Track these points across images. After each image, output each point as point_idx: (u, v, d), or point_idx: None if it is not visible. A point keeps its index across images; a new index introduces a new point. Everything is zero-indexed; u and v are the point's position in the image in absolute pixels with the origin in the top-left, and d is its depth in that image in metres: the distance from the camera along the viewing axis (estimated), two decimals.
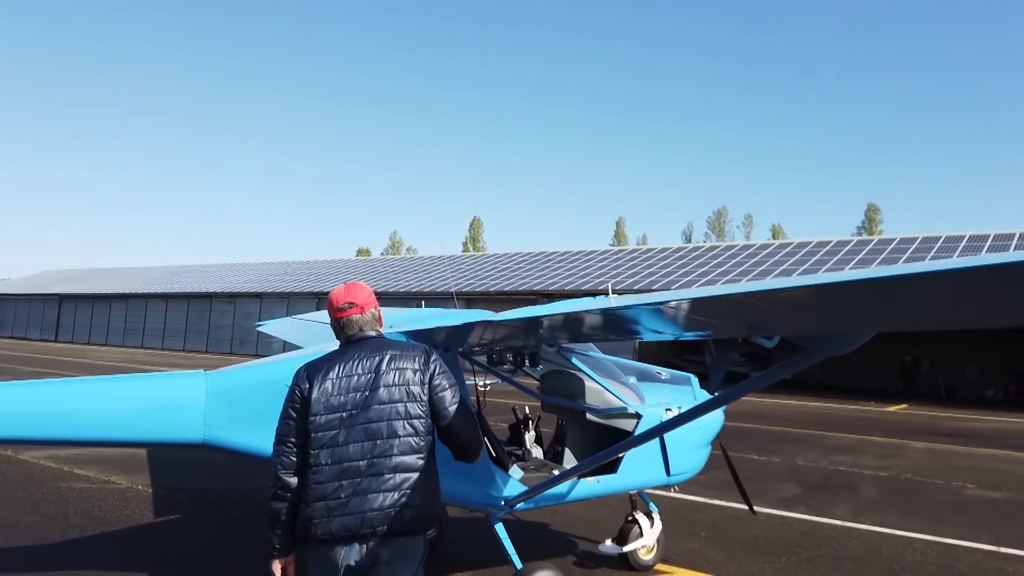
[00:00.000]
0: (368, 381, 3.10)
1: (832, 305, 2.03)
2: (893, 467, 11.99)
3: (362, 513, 2.94)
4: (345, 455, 3.00)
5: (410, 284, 42.20)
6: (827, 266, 32.47)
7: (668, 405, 5.47)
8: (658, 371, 6.08)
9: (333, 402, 3.08)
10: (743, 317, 2.39)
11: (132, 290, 54.13)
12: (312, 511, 2.97)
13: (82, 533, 6.55)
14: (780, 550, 6.80)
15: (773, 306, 2.09)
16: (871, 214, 74.34)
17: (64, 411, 4.45)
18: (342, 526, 2.94)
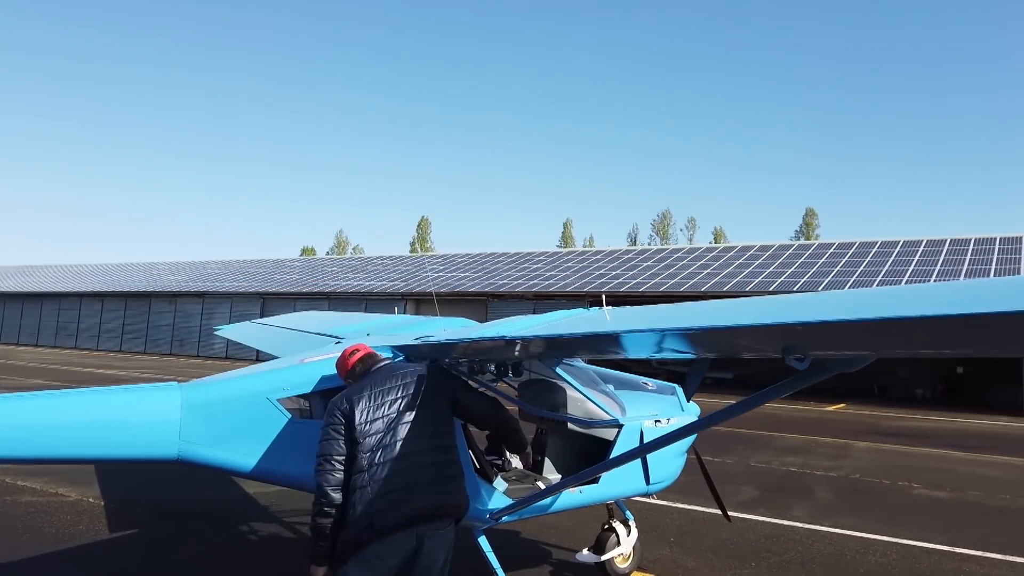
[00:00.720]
0: (399, 399, 3.77)
1: (882, 335, 2.04)
2: (842, 467, 12.35)
3: (415, 503, 3.53)
4: (394, 462, 3.57)
5: (360, 284, 41.63)
6: (770, 269, 33.32)
7: (658, 416, 5.49)
8: (644, 381, 6.10)
9: (374, 418, 3.68)
10: (780, 340, 2.40)
11: (65, 288, 51.95)
12: (374, 508, 3.48)
13: (34, 551, 6.21)
14: (749, 554, 6.91)
15: (820, 332, 2.10)
16: (808, 219, 76.64)
17: (28, 428, 4.20)
18: (402, 516, 3.50)
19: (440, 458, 3.71)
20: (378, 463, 3.55)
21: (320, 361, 4.95)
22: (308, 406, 4.94)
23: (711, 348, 2.96)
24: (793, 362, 2.49)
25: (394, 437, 3.61)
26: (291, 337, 7.44)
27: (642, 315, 3.48)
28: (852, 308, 2.22)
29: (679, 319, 2.71)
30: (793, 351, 2.44)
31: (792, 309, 2.36)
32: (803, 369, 2.55)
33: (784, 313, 2.27)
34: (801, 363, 2.49)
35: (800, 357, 2.46)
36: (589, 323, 3.72)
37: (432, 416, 3.77)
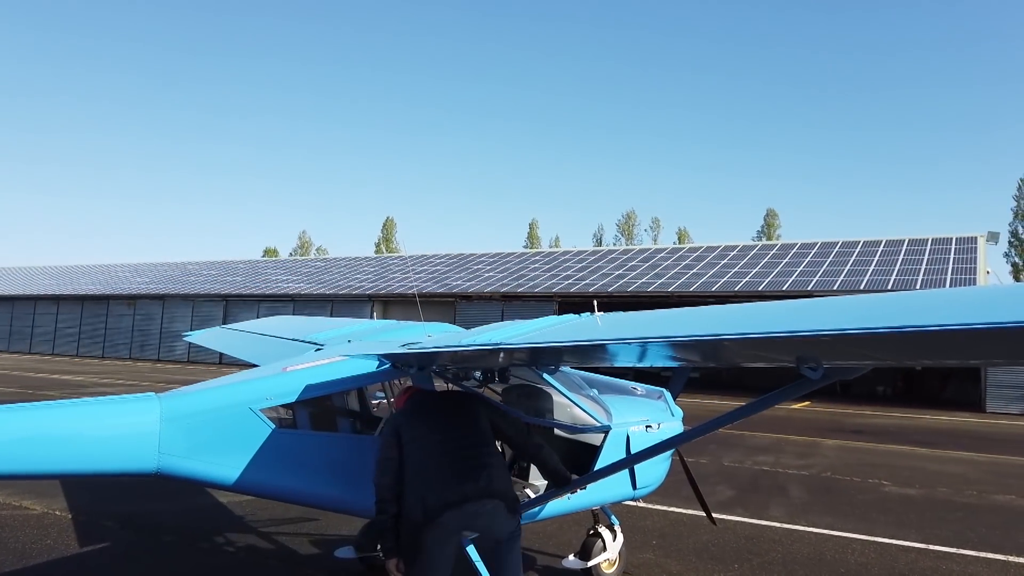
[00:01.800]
0: (443, 411, 4.40)
1: (898, 345, 2.02)
2: (813, 466, 12.53)
3: (459, 488, 4.01)
4: (439, 458, 4.13)
5: (325, 286, 41.13)
6: (735, 268, 33.76)
7: (649, 421, 5.47)
8: (633, 386, 6.08)
9: (420, 426, 4.25)
10: (795, 350, 2.37)
11: (18, 291, 50.39)
12: (423, 495, 3.98)
13: (1, 568, 5.96)
14: (731, 556, 6.94)
15: (837, 343, 2.07)
16: (770, 219, 77.73)
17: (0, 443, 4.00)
18: (449, 499, 3.96)
19: (480, 451, 4.21)
20: (422, 460, 4.09)
21: (304, 370, 4.83)
22: (291, 416, 4.82)
23: (719, 358, 2.94)
24: (807, 371, 2.47)
25: (437, 439, 4.18)
26: (268, 344, 7.26)
27: (641, 322, 3.43)
28: (869, 317, 2.19)
29: (685, 327, 2.66)
30: (807, 361, 2.41)
31: (806, 318, 2.33)
32: (816, 379, 2.53)
33: (799, 322, 2.24)
34: (815, 372, 2.47)
35: (814, 367, 2.44)
36: (586, 330, 3.66)
37: (467, 422, 4.33)
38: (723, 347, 2.46)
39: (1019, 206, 61.18)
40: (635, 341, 2.71)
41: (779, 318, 2.41)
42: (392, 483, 4.08)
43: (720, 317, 2.90)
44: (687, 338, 2.37)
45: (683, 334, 2.40)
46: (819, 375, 2.50)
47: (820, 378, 2.54)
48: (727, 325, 2.48)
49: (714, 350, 2.66)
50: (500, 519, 4.09)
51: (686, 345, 2.51)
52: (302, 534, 7.25)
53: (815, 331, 2.01)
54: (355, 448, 4.79)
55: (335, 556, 6.00)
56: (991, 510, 9.36)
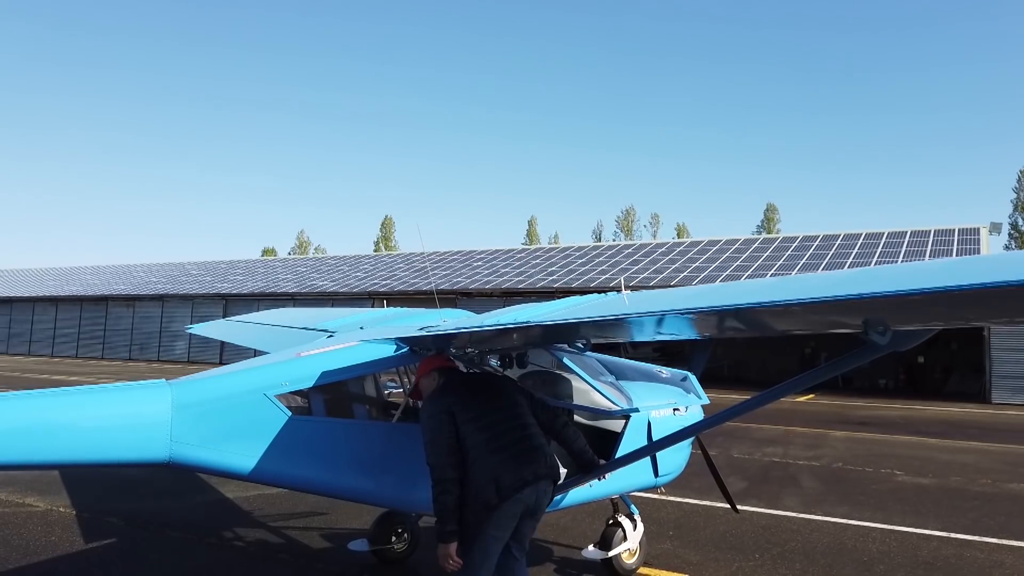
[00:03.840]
0: (493, 394, 4.33)
1: (973, 302, 1.90)
2: (823, 457, 12.41)
3: (530, 466, 4.04)
4: (501, 437, 4.10)
5: (325, 284, 40.98)
6: (738, 262, 33.64)
7: (675, 404, 5.34)
8: (658, 370, 5.95)
9: (484, 410, 4.18)
10: (863, 313, 2.25)
11: (17, 293, 50.15)
12: (496, 475, 3.95)
13: (4, 566, 5.82)
14: (750, 546, 6.82)
15: (915, 304, 1.95)
16: (769, 214, 77.71)
17: (5, 432, 3.86)
18: (522, 477, 3.99)
19: (532, 431, 4.23)
20: (486, 441, 4.05)
21: (319, 355, 4.69)
22: (307, 402, 4.68)
23: (769, 327, 2.80)
24: (874, 336, 2.35)
25: (494, 419, 4.15)
26: (276, 333, 7.13)
27: (676, 296, 3.30)
28: (936, 278, 2.06)
29: (734, 298, 2.53)
30: (876, 325, 2.30)
31: (873, 281, 2.21)
32: (883, 344, 2.41)
33: (867, 285, 2.11)
34: (882, 337, 2.35)
35: (882, 330, 2.32)
36: (617, 308, 3.53)
37: (513, 402, 4.32)
38: (790, 313, 2.34)
39: (1019, 198, 61.17)
40: (694, 312, 2.57)
41: (841, 283, 2.28)
42: (457, 463, 4.02)
43: (765, 287, 2.77)
44: (754, 305, 2.25)
45: (745, 302, 2.28)
46: (886, 340, 2.38)
47: (887, 343, 2.42)
48: (782, 293, 2.35)
49: (777, 317, 2.53)
50: (550, 496, 4.23)
51: (747, 314, 2.38)
52: (312, 528, 7.11)
53: (892, 292, 1.90)
54: (373, 435, 4.65)
55: (349, 548, 5.87)
56: (1008, 498, 9.25)
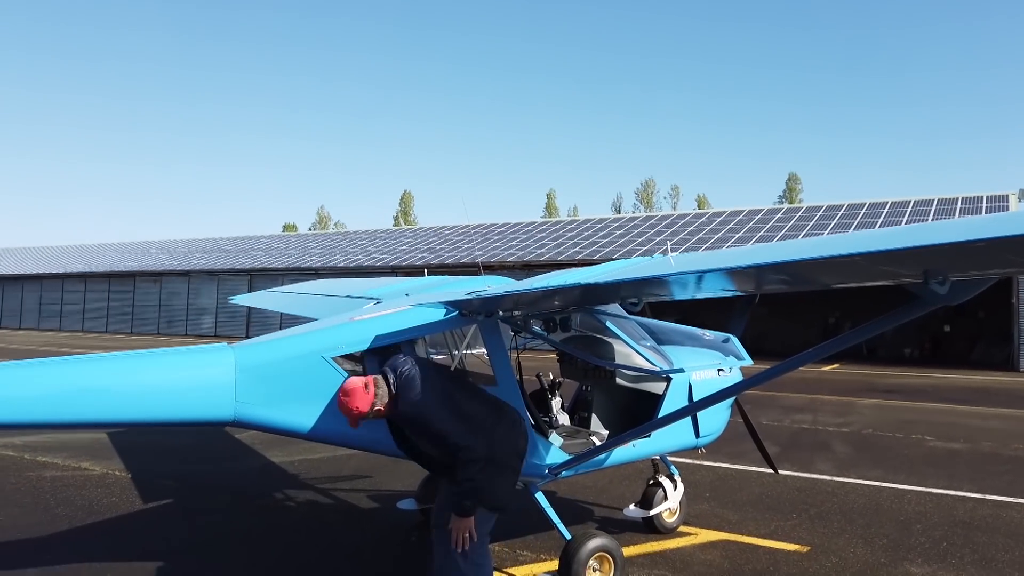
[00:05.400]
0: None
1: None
2: (852, 423, 12.48)
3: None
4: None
5: (347, 259, 41.27)
6: (761, 232, 33.43)
7: (720, 365, 5.45)
8: (701, 332, 6.05)
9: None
10: (923, 263, 2.33)
11: (47, 270, 51.03)
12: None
13: (71, 524, 6.10)
14: (787, 507, 6.95)
15: (976, 252, 2.03)
16: (792, 183, 76.84)
17: (81, 392, 4.06)
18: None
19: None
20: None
21: (373, 318, 4.83)
22: (361, 364, 4.83)
23: (818, 280, 2.87)
24: (934, 287, 2.43)
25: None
26: (323, 301, 7.29)
27: (724, 256, 3.39)
28: (992, 228, 2.14)
29: (796, 252, 2.61)
30: (936, 275, 2.38)
31: (934, 232, 2.29)
32: (943, 294, 2.49)
33: (930, 236, 2.19)
34: (942, 287, 2.43)
35: (942, 280, 2.40)
36: (667, 268, 3.62)
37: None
38: (850, 265, 2.43)
39: None
40: (755, 266, 2.63)
41: (901, 235, 2.36)
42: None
43: (823, 242, 2.85)
44: (816, 258, 2.34)
45: (807, 256, 2.37)
46: (945, 290, 2.46)
47: (946, 293, 2.50)
48: (845, 246, 2.44)
49: (836, 270, 2.61)
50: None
51: (807, 267, 2.47)
52: (359, 490, 7.33)
53: (956, 240, 1.98)
54: None
55: (398, 507, 6.07)
56: None
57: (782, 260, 2.48)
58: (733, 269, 2.62)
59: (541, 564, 5.23)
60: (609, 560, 4.66)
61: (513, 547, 5.61)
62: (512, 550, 5.55)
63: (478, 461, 3.95)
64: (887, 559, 5.52)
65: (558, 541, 5.11)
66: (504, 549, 5.54)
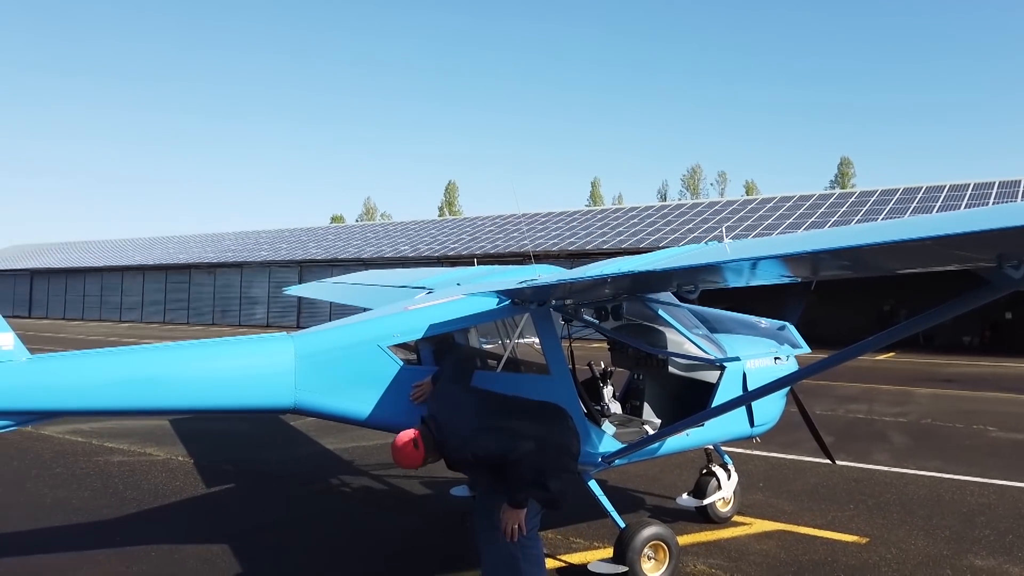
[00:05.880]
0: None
1: None
2: (909, 413, 12.17)
3: None
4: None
5: (394, 250, 41.71)
6: (811, 219, 32.69)
7: (776, 353, 5.39)
8: (756, 320, 5.98)
9: None
10: (998, 247, 2.27)
11: (107, 263, 52.81)
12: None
13: (139, 507, 6.34)
14: (844, 497, 6.83)
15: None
16: (844, 168, 74.85)
17: (150, 380, 4.21)
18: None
19: None
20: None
21: (426, 308, 4.90)
22: (416, 353, 4.91)
23: (882, 265, 2.80)
24: (1008, 271, 2.37)
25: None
26: (375, 291, 7.41)
27: (784, 242, 3.34)
28: None
29: (859, 237, 2.56)
30: (1010, 259, 2.32)
31: (1009, 215, 2.22)
32: (1017, 278, 2.42)
33: (1005, 219, 2.13)
34: (1016, 271, 2.37)
35: (1016, 264, 2.34)
36: (722, 256, 3.59)
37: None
38: (920, 250, 2.38)
39: None
40: (821, 251, 2.56)
41: (975, 218, 2.30)
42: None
43: (886, 227, 2.79)
44: (884, 243, 2.29)
45: (873, 240, 2.32)
46: (1021, 274, 2.40)
47: (1020, 278, 2.43)
48: (913, 230, 2.38)
49: (904, 255, 2.56)
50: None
51: (874, 252, 2.42)
52: (411, 476, 7.44)
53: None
54: (478, 384, 4.84)
55: (451, 494, 6.15)
56: None
57: (848, 245, 2.43)
58: (797, 255, 2.57)
59: (594, 552, 5.25)
60: (664, 549, 4.66)
61: (566, 535, 5.64)
62: (565, 537, 5.58)
63: (526, 458, 3.85)
64: (950, 551, 5.39)
65: (611, 529, 5.13)
66: (557, 536, 5.58)
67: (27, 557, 5.08)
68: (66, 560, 5.04)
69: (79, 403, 4.07)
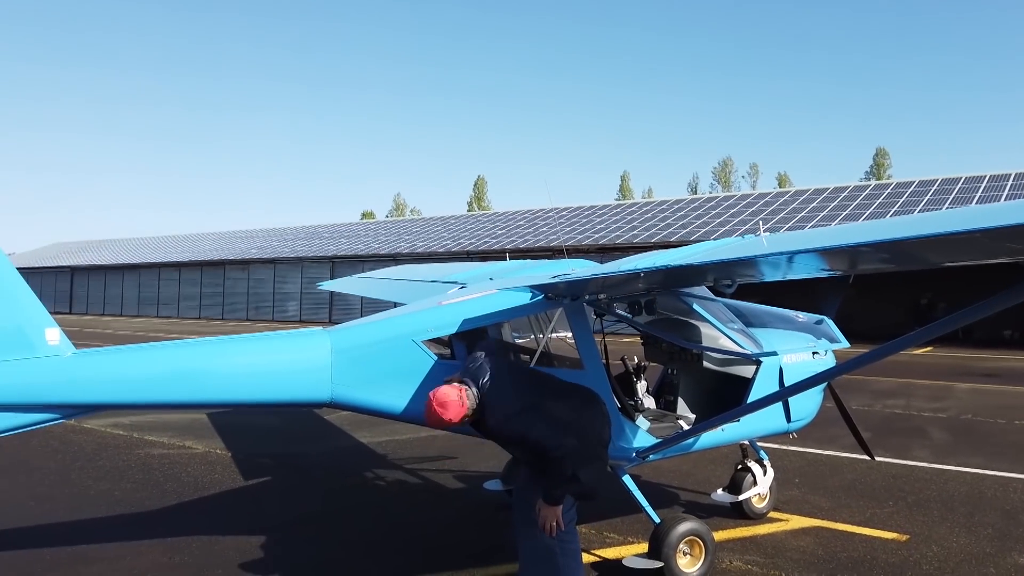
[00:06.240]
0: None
1: None
2: (948, 409, 11.94)
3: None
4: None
5: (425, 245, 41.92)
6: (847, 211, 32.14)
7: (815, 348, 5.32)
8: (793, 314, 5.91)
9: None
10: None
11: (144, 260, 53.88)
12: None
13: (179, 499, 6.47)
14: (882, 494, 6.73)
15: None
16: (880, 158, 73.42)
17: (192, 373, 4.29)
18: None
19: None
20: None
21: (460, 302, 4.91)
22: (450, 348, 4.93)
23: (943, 257, 2.73)
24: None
25: None
26: (408, 286, 7.46)
27: (823, 235, 3.29)
28: None
29: (903, 229, 2.51)
30: None
31: None
32: None
33: None
34: None
35: None
36: (760, 249, 3.54)
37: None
38: (969, 242, 2.32)
39: None
40: (865, 244, 2.51)
41: (1015, 211, 2.25)
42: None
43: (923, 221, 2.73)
44: (930, 236, 2.24)
45: (918, 233, 2.27)
46: None
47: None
48: (950, 224, 2.33)
49: (950, 248, 2.50)
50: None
51: (918, 245, 2.36)
52: (445, 470, 7.50)
53: None
54: None
55: (484, 488, 6.17)
56: None
57: (893, 238, 2.38)
58: (838, 248, 2.53)
59: (629, 547, 5.24)
60: (700, 544, 4.63)
61: (600, 530, 5.64)
62: (599, 532, 5.58)
63: (568, 457, 3.83)
64: (993, 549, 5.29)
65: (645, 524, 5.12)
66: (591, 531, 5.58)
67: (75, 547, 5.22)
68: (112, 550, 5.17)
69: (123, 397, 4.16)
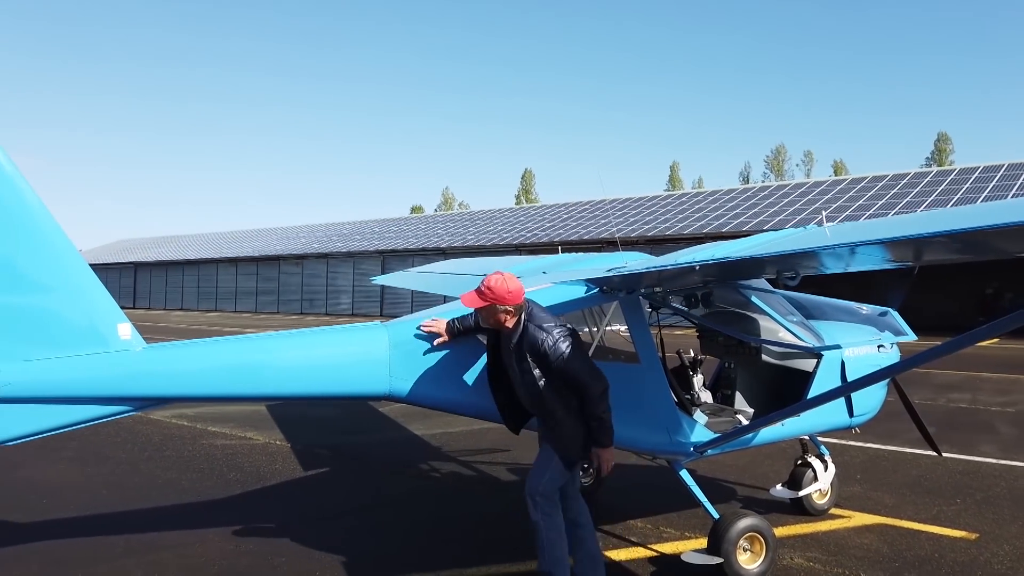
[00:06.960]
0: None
1: None
2: (1017, 403, 11.52)
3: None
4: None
5: (474, 238, 42.12)
6: (907, 199, 31.16)
7: (879, 341, 5.20)
8: (857, 306, 5.78)
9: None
10: None
11: (203, 255, 55.43)
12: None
13: (243, 488, 6.66)
14: (949, 491, 6.53)
15: None
16: (941, 144, 70.87)
17: (255, 367, 4.39)
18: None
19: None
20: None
21: None
22: None
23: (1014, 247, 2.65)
24: None
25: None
26: (460, 280, 7.50)
27: (891, 225, 3.20)
28: None
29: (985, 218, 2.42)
30: None
31: None
32: None
33: None
34: None
35: None
36: (823, 240, 3.46)
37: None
38: None
39: None
40: (941, 234, 2.43)
41: None
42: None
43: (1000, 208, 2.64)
44: (1010, 225, 2.15)
45: (998, 222, 2.19)
46: None
47: None
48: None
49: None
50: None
51: (989, 236, 2.28)
52: (498, 463, 7.55)
53: None
54: None
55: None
56: None
57: (968, 227, 2.29)
58: (908, 239, 2.44)
59: (686, 541, 5.20)
60: (760, 540, 4.57)
61: (656, 524, 5.61)
62: (655, 527, 5.55)
63: (605, 398, 4.03)
64: None
65: (702, 519, 5.07)
66: (647, 526, 5.56)
67: (146, 533, 5.42)
68: (180, 537, 5.35)
69: (192, 390, 4.30)
